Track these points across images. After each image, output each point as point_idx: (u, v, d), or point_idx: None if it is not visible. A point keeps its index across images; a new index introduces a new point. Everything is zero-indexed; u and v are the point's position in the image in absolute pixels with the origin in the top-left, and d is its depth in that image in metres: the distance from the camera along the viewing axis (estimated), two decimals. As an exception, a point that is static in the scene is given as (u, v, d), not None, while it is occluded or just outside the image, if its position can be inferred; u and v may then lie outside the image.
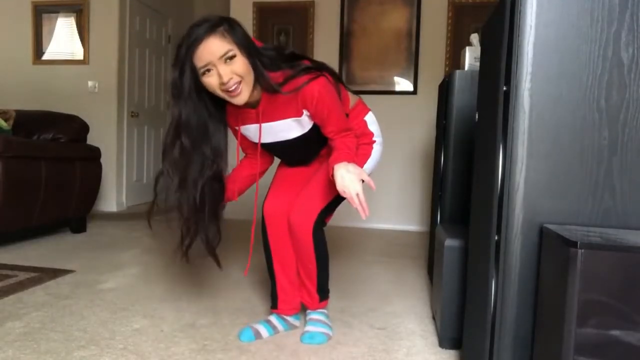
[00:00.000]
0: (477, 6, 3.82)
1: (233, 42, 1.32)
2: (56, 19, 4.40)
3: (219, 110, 1.50)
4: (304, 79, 1.40)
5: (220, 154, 1.49)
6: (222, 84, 1.34)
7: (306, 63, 1.44)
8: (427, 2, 3.88)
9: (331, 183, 1.55)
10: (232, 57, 1.32)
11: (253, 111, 1.51)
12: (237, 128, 1.59)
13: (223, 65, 1.32)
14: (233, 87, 1.34)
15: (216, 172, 1.50)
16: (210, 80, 1.35)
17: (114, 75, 4.34)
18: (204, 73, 1.34)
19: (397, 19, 3.92)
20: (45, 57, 4.44)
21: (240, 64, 1.34)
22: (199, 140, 1.45)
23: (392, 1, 3.91)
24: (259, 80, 1.40)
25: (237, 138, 1.61)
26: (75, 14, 4.36)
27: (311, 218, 1.52)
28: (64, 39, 4.41)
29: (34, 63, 4.45)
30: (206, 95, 1.42)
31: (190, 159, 1.44)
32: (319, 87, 1.41)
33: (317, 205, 1.54)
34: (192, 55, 1.32)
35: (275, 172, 1.77)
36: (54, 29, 4.41)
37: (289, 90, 1.40)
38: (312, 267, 1.59)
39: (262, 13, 4.11)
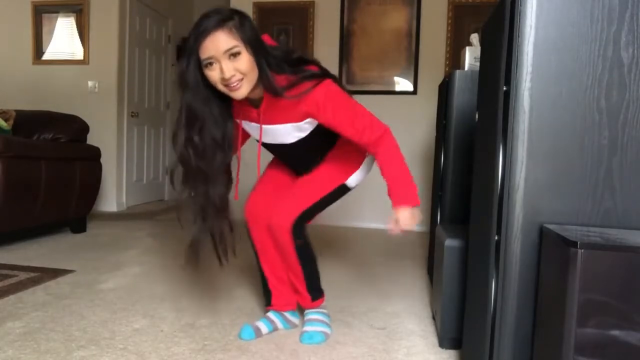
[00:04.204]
0: (477, 6, 3.82)
1: (240, 38, 1.30)
2: (56, 19, 4.40)
3: (226, 100, 1.47)
4: (307, 85, 1.38)
5: (231, 144, 1.47)
6: (223, 79, 1.32)
7: (313, 69, 1.42)
8: (427, 2, 3.88)
9: (315, 187, 1.57)
10: (236, 54, 1.30)
11: (255, 110, 1.49)
12: (238, 121, 1.57)
13: (227, 61, 1.30)
14: (234, 84, 1.33)
15: (227, 163, 1.48)
16: (212, 74, 1.33)
17: (114, 75, 4.33)
18: (206, 65, 1.32)
19: (397, 19, 3.92)
20: (45, 57, 4.43)
21: (244, 61, 1.32)
22: (212, 131, 1.41)
23: (392, 1, 3.91)
24: (262, 79, 1.38)
25: (238, 128, 1.59)
26: (75, 14, 4.36)
27: (289, 220, 1.52)
28: (64, 39, 4.41)
29: (34, 63, 4.44)
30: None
31: (205, 151, 1.41)
32: (325, 89, 1.39)
33: (297, 208, 1.54)
34: (199, 46, 1.30)
35: (264, 172, 1.75)
36: (53, 29, 4.41)
37: (293, 96, 1.38)
38: (297, 268, 1.59)
39: (262, 13, 4.11)
